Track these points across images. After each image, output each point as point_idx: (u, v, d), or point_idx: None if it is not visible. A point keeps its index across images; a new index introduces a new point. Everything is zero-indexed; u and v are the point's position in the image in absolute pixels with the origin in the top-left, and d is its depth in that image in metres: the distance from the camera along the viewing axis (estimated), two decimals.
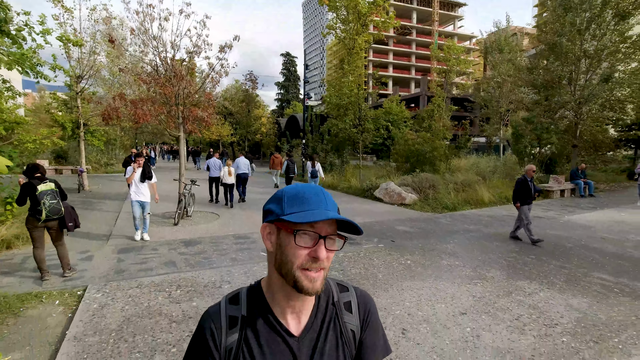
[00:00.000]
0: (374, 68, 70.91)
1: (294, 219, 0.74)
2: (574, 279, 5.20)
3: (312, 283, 0.75)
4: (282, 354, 0.80)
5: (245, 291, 0.86)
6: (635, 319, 3.98)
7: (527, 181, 7.34)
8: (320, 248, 0.75)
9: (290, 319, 0.82)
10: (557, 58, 16.17)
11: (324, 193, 0.81)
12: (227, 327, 0.80)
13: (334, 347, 0.85)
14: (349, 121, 15.78)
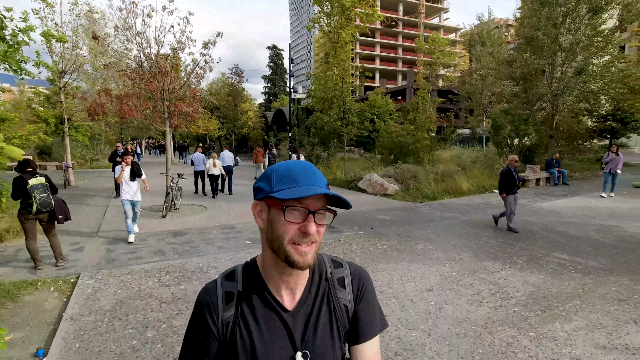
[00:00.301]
0: (361, 60, 71.20)
1: (282, 195, 0.75)
2: (535, 259, 5.67)
3: (303, 257, 0.77)
4: (277, 328, 0.82)
5: (241, 268, 0.89)
6: (582, 292, 4.45)
7: (511, 171, 7.50)
8: (309, 223, 0.76)
9: (285, 295, 0.84)
10: (534, 52, 16.70)
11: (313, 169, 0.82)
12: (223, 302, 0.82)
13: (327, 322, 0.87)
14: (333, 114, 16.10)
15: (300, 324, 0.84)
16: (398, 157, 15.63)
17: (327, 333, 0.87)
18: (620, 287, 4.59)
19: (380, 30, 71.55)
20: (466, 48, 32.50)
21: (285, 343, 0.82)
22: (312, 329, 0.85)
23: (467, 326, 3.59)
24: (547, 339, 3.37)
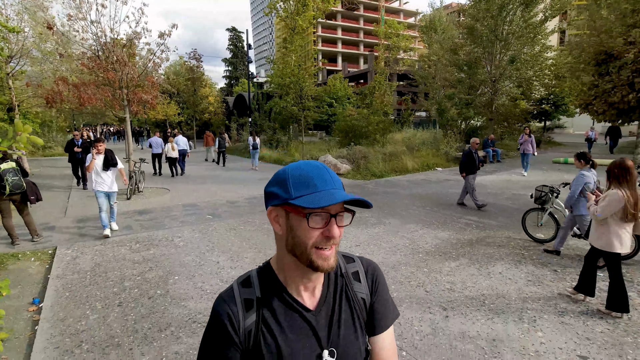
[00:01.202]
0: (323, 44, 71.41)
1: (305, 203, 0.73)
2: (449, 221, 6.97)
3: (327, 261, 0.77)
4: (301, 329, 0.81)
5: (256, 274, 0.87)
6: (475, 241, 5.74)
7: (472, 153, 7.96)
8: (333, 227, 0.76)
9: (305, 295, 0.84)
10: (474, 41, 18.22)
11: (327, 170, 0.81)
12: (243, 310, 0.80)
13: (349, 316, 0.88)
14: (290, 100, 16.84)
15: (323, 322, 0.84)
16: (352, 140, 16.75)
17: (350, 328, 0.88)
18: (504, 237, 5.94)
19: (342, 13, 71.72)
20: (421, 35, 33.91)
21: (310, 343, 0.82)
22: (336, 326, 0.85)
23: None
24: (435, 272, 4.57)
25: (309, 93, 17.17)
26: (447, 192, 9.75)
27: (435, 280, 4.35)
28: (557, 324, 3.38)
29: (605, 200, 3.46)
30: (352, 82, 54.86)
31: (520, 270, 4.59)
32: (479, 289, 4.08)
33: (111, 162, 6.00)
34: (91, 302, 3.74)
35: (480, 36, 17.96)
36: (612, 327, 3.31)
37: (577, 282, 3.90)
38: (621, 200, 3.35)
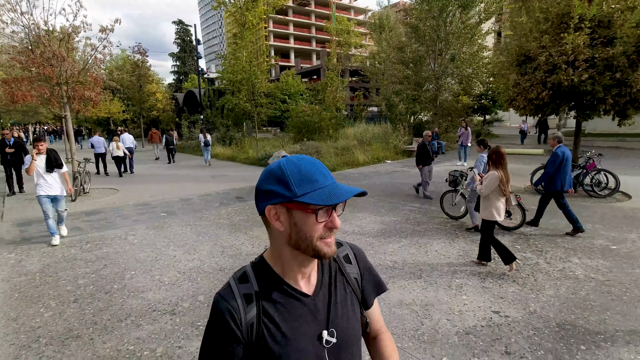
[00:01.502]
0: (275, 39, 70.89)
1: (315, 201, 0.75)
2: (395, 208, 7.56)
3: (330, 247, 0.81)
4: (301, 314, 0.84)
5: (251, 269, 0.88)
6: (416, 224, 6.33)
7: (425, 145, 8.33)
8: (335, 218, 0.80)
9: (302, 283, 0.87)
10: (418, 40, 19.31)
11: (320, 163, 0.83)
12: (244, 305, 0.82)
13: (344, 297, 0.92)
14: (243, 96, 16.79)
15: (322, 305, 0.88)
16: (306, 135, 17.12)
17: (348, 307, 0.92)
18: (442, 220, 6.61)
19: (293, 8, 71.53)
20: (370, 33, 35.01)
21: (312, 326, 0.85)
22: (334, 307, 0.89)
23: None
24: (380, 254, 5.05)
25: (261, 89, 17.21)
26: (394, 182, 10.44)
27: (380, 260, 4.83)
28: (479, 288, 3.98)
29: (487, 179, 4.30)
30: (305, 78, 55.13)
31: (453, 247, 5.21)
32: (417, 265, 4.61)
33: (55, 163, 5.50)
34: (44, 301, 3.73)
35: (423, 35, 19.08)
36: (521, 287, 3.97)
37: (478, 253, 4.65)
38: (497, 179, 4.21)
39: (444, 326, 3.24)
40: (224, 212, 7.51)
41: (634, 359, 2.75)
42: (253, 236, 5.86)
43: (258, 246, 5.39)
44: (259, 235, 5.91)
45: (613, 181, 7.91)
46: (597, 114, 7.73)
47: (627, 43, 6.68)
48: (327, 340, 0.86)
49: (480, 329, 3.18)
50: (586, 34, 6.98)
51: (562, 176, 5.67)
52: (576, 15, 6.87)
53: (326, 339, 0.86)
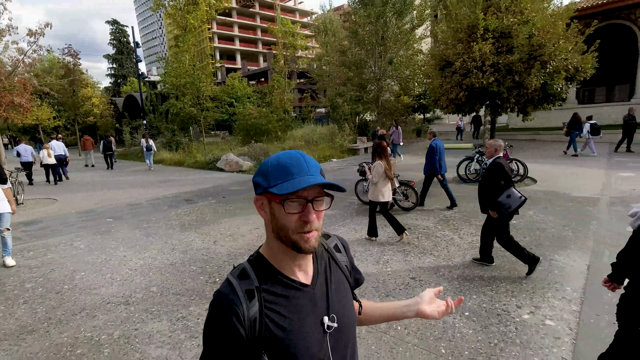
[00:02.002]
0: (220, 41, 69.52)
1: (278, 190, 0.79)
2: (336, 201, 8.19)
3: (307, 242, 0.82)
4: (303, 304, 0.87)
5: (248, 265, 0.90)
6: (355, 214, 7.00)
7: (379, 136, 9.47)
8: (309, 212, 0.81)
9: (299, 274, 0.90)
10: (358, 43, 20.37)
11: (304, 158, 0.85)
12: (246, 301, 0.82)
13: (339, 284, 0.98)
14: (187, 101, 16.64)
15: (320, 292, 0.91)
16: (254, 138, 17.38)
17: (344, 293, 0.97)
18: None
19: (237, 10, 70.62)
20: (315, 35, 35.83)
21: (314, 314, 0.88)
22: (332, 294, 0.93)
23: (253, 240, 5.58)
24: None
25: (207, 93, 17.14)
26: (338, 178, 11.13)
27: None
28: (402, 261, 4.68)
29: (374, 169, 5.26)
30: (252, 81, 54.85)
31: (384, 230, 5.93)
32: (352, 247, 5.24)
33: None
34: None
35: (363, 40, 20.19)
36: (436, 258, 4.73)
37: (367, 229, 5.59)
38: (382, 167, 5.18)
39: (369, 292, 3.86)
40: (174, 213, 7.66)
41: (508, 302, 3.56)
42: (203, 233, 6.15)
43: (208, 242, 5.71)
44: (208, 232, 6.21)
45: (522, 169, 9.26)
46: (505, 112, 9.01)
47: (522, 51, 7.93)
48: (329, 326, 0.89)
49: (398, 291, 3.85)
50: (491, 43, 8.15)
51: (439, 163, 7.14)
52: (481, 27, 8.00)
53: (327, 324, 0.89)
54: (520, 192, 4.01)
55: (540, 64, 7.85)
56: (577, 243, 4.99)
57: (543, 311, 3.32)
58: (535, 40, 7.95)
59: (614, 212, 6.23)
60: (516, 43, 7.91)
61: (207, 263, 4.81)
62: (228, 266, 4.68)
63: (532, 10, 8.24)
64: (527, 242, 5.06)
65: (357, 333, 1.12)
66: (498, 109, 8.86)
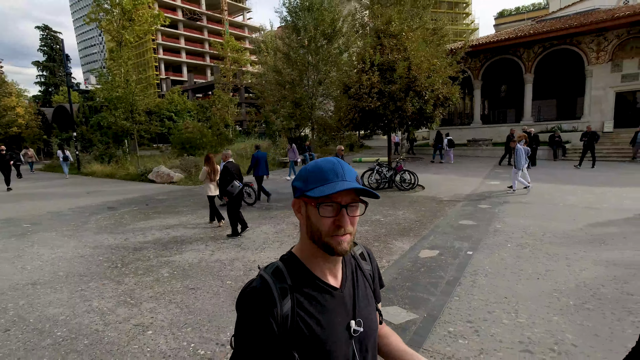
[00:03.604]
0: (166, 52, 68.34)
1: (313, 193, 0.85)
2: (276, 216, 9.34)
3: (340, 245, 0.86)
4: (333, 306, 0.91)
5: (282, 263, 0.94)
6: (258, 216, 8.19)
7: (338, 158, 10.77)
8: (343, 217, 0.86)
9: (330, 277, 0.94)
10: (289, 65, 21.99)
11: (341, 164, 0.90)
12: (280, 298, 0.86)
13: (365, 290, 1.02)
14: (120, 114, 16.96)
15: (348, 297, 0.95)
16: (189, 151, 18.05)
17: (369, 299, 1.03)
18: (278, 211, 8.62)
19: (184, 22, 70.11)
20: (257, 54, 37.09)
21: (342, 317, 0.92)
22: (359, 299, 0.97)
23: (163, 237, 6.60)
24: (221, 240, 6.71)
25: (140, 108, 17.57)
26: (272, 188, 12.31)
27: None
28: (278, 251, 5.93)
29: (201, 172, 7.23)
30: (199, 94, 54.65)
31: (275, 228, 7.18)
32: (252, 239, 6.41)
33: None
34: None
35: (295, 61, 21.88)
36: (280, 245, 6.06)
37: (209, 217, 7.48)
38: (206, 172, 7.26)
39: (237, 272, 5.05)
40: (94, 219, 8.32)
41: None
42: (116, 233, 6.99)
43: (120, 239, 6.56)
44: (122, 232, 7.05)
45: (413, 178, 11.11)
46: (393, 131, 10.86)
47: (401, 82, 9.80)
48: (355, 330, 0.93)
49: None
50: (378, 74, 9.95)
51: (259, 167, 9.90)
52: (368, 61, 9.79)
53: (354, 328, 0.93)
54: (240, 184, 6.61)
55: (414, 92, 9.77)
56: (416, 232, 6.59)
57: None
58: (412, 74, 9.88)
59: (461, 210, 8.08)
60: (396, 76, 9.77)
61: (113, 254, 5.72)
62: (132, 256, 5.62)
63: (411, 50, 10.22)
64: (382, 233, 6.58)
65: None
66: (386, 128, 10.67)
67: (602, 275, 4.38)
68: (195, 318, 3.63)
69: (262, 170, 9.99)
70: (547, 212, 7.50)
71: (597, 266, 4.68)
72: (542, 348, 3.01)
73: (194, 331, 3.39)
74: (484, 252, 5.36)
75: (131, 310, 3.84)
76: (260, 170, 9.95)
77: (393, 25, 10.27)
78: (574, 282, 4.22)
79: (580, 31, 18.91)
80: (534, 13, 55.70)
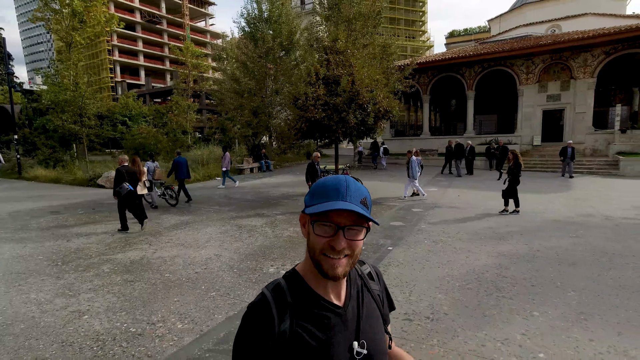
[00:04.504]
0: (123, 55, 65.84)
1: (309, 210, 0.84)
2: (200, 211, 9.64)
3: (333, 269, 0.83)
4: (333, 325, 0.88)
5: (284, 280, 0.92)
6: (205, 218, 8.55)
7: (314, 165, 9.69)
8: (338, 238, 0.82)
9: (332, 295, 0.91)
10: (246, 75, 22.42)
11: (347, 183, 0.86)
12: (278, 315, 0.85)
13: (371, 311, 0.98)
14: (67, 118, 16.49)
15: (352, 317, 0.91)
16: (142, 157, 17.80)
17: (376, 321, 0.98)
18: (226, 214, 9.03)
19: (142, 25, 68.09)
20: (216, 61, 37.00)
21: (343, 336, 0.88)
22: (363, 319, 0.93)
23: (106, 238, 6.83)
24: (175, 234, 7.02)
25: (90, 112, 17.16)
26: (210, 194, 12.61)
27: (168, 241, 6.82)
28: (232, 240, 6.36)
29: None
30: (158, 99, 53.25)
31: (223, 227, 7.59)
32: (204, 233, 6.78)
33: None
34: None
35: (252, 71, 22.36)
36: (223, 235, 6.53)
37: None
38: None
39: (176, 267, 5.45)
40: (35, 222, 8.26)
41: (278, 267, 5.48)
42: (58, 235, 7.06)
43: (62, 240, 6.67)
44: (64, 234, 7.14)
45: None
46: (339, 141, 11.65)
47: (345, 96, 10.62)
48: (358, 352, 0.89)
49: (207, 263, 5.51)
50: (324, 87, 10.71)
51: (181, 171, 10.99)
52: (313, 74, 10.54)
53: (357, 350, 0.89)
54: (130, 186, 7.20)
55: (357, 105, 10.63)
56: None
57: (283, 264, 5.32)
58: (355, 88, 10.74)
59: (395, 213, 8.93)
60: (340, 89, 10.58)
61: (54, 254, 5.87)
62: (74, 255, 5.82)
63: (356, 66, 11.10)
64: None
65: None
66: (332, 137, 11.45)
67: (490, 264, 5.28)
68: (131, 304, 4.02)
69: (183, 174, 11.02)
70: (467, 215, 8.54)
71: (489, 257, 5.60)
72: (420, 317, 3.74)
73: (127, 314, 3.78)
74: (403, 247, 6.15)
75: (69, 300, 4.14)
76: (181, 173, 10.96)
77: (339, 43, 11.12)
78: (466, 269, 5.07)
79: (512, 55, 21.11)
80: (479, 35, 60.36)
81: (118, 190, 7.14)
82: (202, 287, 4.51)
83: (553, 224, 7.55)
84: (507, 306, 3.93)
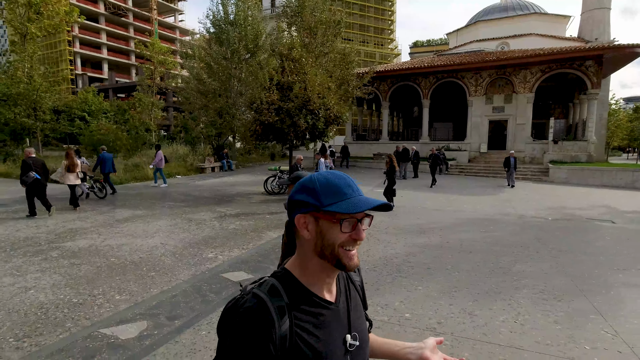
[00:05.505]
0: (84, 47, 63.26)
1: (339, 209, 0.83)
2: (153, 206, 10.05)
3: (352, 260, 0.87)
4: (329, 322, 0.90)
5: (277, 281, 0.91)
6: (156, 212, 9.01)
7: (297, 167, 10.22)
8: (359, 230, 0.86)
9: (325, 292, 0.93)
10: (210, 75, 22.70)
11: (350, 178, 0.90)
12: (278, 317, 0.83)
13: (356, 302, 1.03)
14: (20, 111, 16.17)
15: (343, 311, 0.95)
16: (100, 153, 17.70)
17: (360, 311, 1.04)
18: (179, 210, 9.53)
19: (106, 16, 65.74)
20: (183, 59, 36.71)
21: (339, 331, 0.92)
22: (352, 312, 0.98)
23: (50, 231, 7.21)
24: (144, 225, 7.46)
25: (45, 106, 16.88)
26: (166, 191, 12.97)
27: (144, 232, 7.27)
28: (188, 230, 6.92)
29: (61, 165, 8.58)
30: (122, 94, 51.76)
31: (174, 220, 8.11)
32: None
33: None
34: None
35: (217, 72, 22.65)
36: (175, 226, 7.12)
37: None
38: (65, 166, 8.85)
39: (122, 253, 5.97)
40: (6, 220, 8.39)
41: (216, 254, 6.12)
42: (8, 225, 7.31)
43: (11, 230, 6.95)
44: (15, 225, 7.40)
45: None
46: (293, 144, 12.43)
47: (297, 101, 11.41)
48: (351, 344, 0.93)
49: (156, 252, 6.06)
50: (278, 92, 11.45)
51: (106, 166, 11.79)
52: (267, 80, 11.27)
53: (350, 342, 0.92)
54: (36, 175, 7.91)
55: (307, 111, 11.44)
56: None
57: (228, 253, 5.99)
58: (307, 94, 11.55)
59: None
60: (293, 95, 11.36)
61: (2, 242, 6.19)
62: (22, 242, 6.16)
63: (309, 74, 11.93)
64: (262, 226, 7.90)
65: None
66: (285, 141, 12.21)
67: (402, 252, 6.19)
68: (75, 282, 4.55)
69: (109, 168, 11.95)
70: (402, 213, 9.50)
71: (404, 247, 6.52)
72: None
73: (71, 289, 4.32)
74: None
75: (16, 279, 4.60)
76: (107, 167, 11.87)
77: (294, 51, 11.91)
78: (380, 256, 5.95)
79: (462, 68, 22.84)
80: (440, 47, 63.54)
81: (24, 178, 7.83)
82: (143, 269, 5.09)
83: (472, 221, 8.65)
84: (398, 282, 4.82)
